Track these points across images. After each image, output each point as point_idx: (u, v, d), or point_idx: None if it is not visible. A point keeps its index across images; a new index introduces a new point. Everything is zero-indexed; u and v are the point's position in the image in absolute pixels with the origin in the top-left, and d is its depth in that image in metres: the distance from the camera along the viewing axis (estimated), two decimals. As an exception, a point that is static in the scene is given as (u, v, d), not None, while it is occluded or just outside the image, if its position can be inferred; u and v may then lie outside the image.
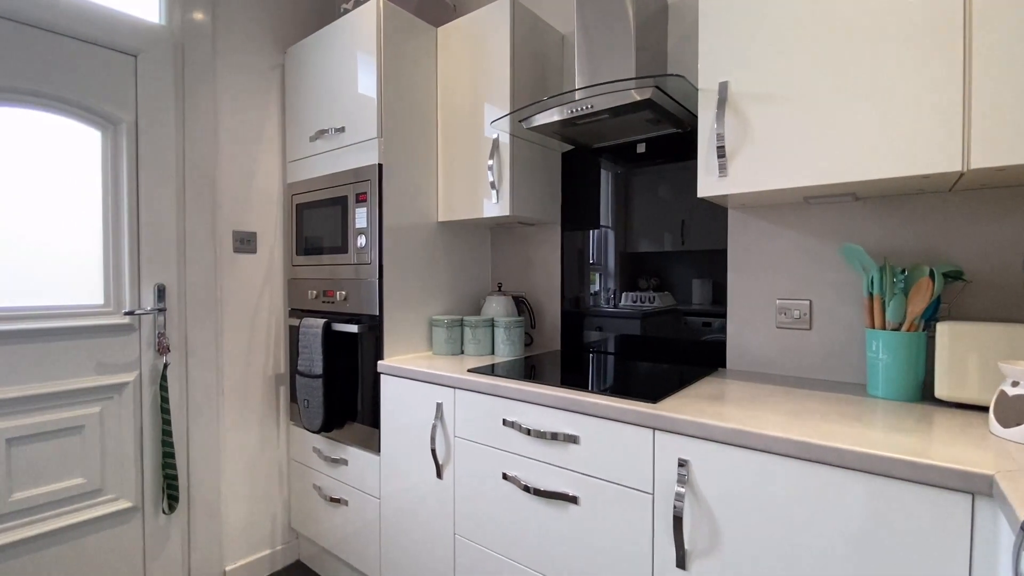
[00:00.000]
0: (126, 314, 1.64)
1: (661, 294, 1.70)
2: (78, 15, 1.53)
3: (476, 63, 1.71)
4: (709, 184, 1.23)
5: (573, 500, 1.17)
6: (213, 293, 1.83)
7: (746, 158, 1.17)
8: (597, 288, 1.87)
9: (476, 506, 1.38)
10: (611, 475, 1.12)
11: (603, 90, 1.36)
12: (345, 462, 1.79)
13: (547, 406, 1.22)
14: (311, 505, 1.95)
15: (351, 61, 1.73)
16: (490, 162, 1.64)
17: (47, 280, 1.52)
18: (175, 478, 1.71)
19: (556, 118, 1.46)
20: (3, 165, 1.44)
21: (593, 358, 1.69)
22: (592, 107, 1.39)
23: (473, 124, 1.73)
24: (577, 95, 1.43)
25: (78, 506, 1.56)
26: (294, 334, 1.99)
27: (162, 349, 1.69)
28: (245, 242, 1.93)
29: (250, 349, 1.95)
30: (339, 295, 1.79)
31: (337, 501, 1.81)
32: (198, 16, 1.78)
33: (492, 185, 1.65)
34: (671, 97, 1.34)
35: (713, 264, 1.56)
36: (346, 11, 1.87)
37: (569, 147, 1.85)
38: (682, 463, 1.00)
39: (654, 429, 1.05)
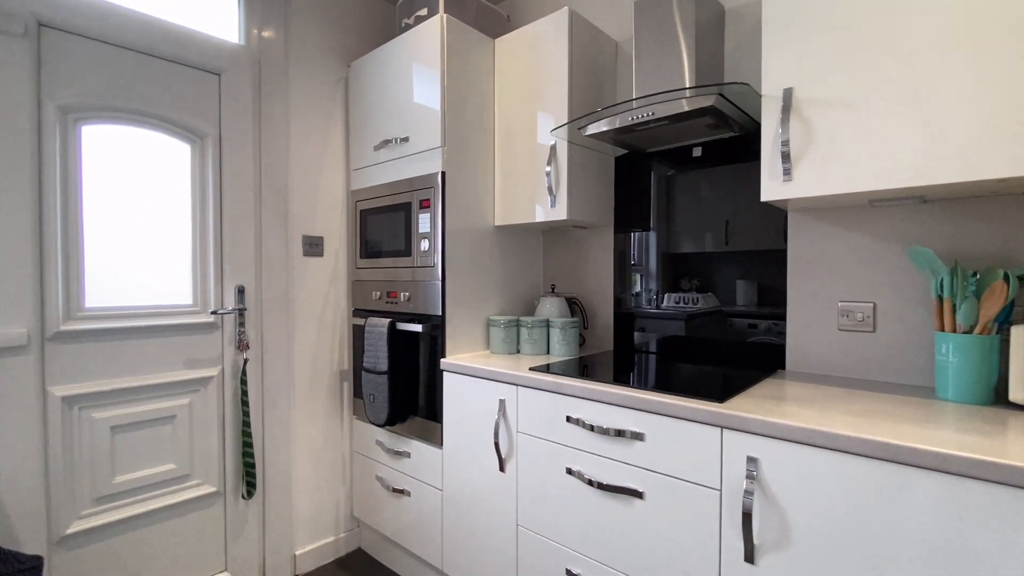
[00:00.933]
0: (211, 313, 1.78)
1: (704, 295, 1.72)
2: (173, 39, 1.67)
3: (533, 72, 1.77)
4: (773, 188, 1.25)
5: (638, 495, 1.22)
6: (286, 294, 1.96)
7: (811, 162, 1.19)
8: (638, 289, 1.91)
9: (539, 498, 1.44)
10: (677, 471, 1.16)
11: (665, 98, 1.40)
12: (408, 455, 1.88)
13: (611, 404, 1.27)
14: (373, 495, 2.05)
15: (415, 74, 1.82)
16: (548, 168, 1.70)
17: (146, 281, 1.66)
18: (253, 466, 1.84)
19: (616, 126, 1.51)
20: (113, 178, 1.59)
21: (646, 359, 1.73)
22: (652, 114, 1.43)
23: (529, 131, 1.79)
24: (636, 103, 1.47)
25: (169, 489, 1.70)
26: (358, 333, 2.09)
27: (242, 346, 1.82)
28: (313, 246, 2.05)
29: (317, 347, 2.08)
30: (402, 296, 1.89)
31: (400, 492, 1.91)
32: (272, 35, 1.91)
33: (549, 190, 1.71)
34: (732, 103, 1.37)
35: (759, 265, 1.57)
36: (407, 26, 1.97)
37: (623, 151, 1.89)
38: (751, 461, 1.04)
39: (722, 427, 1.08)
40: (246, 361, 1.84)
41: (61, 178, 1.49)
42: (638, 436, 1.22)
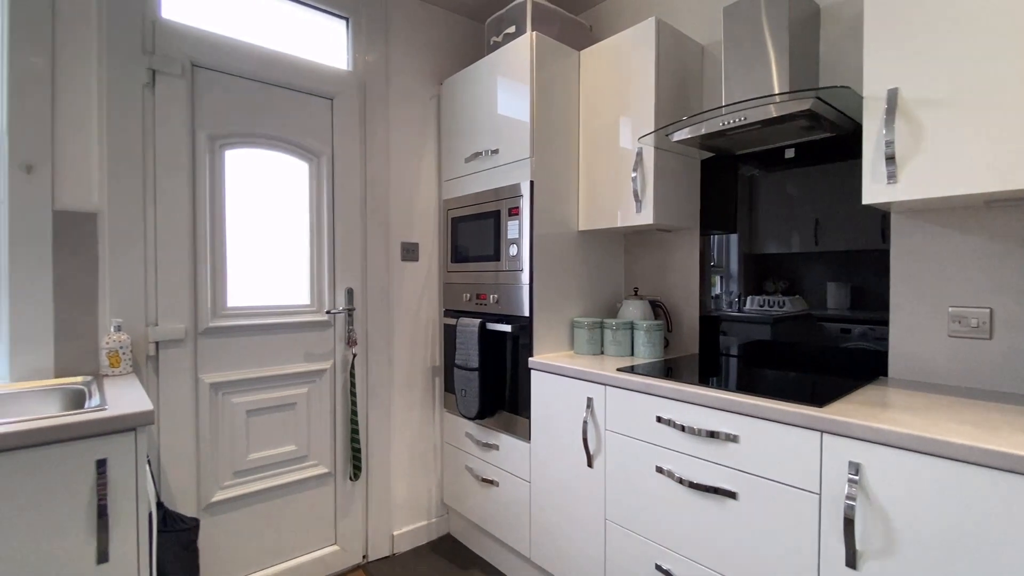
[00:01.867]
0: (326, 313, 1.99)
1: (791, 298, 1.69)
2: (296, 70, 1.89)
3: (618, 81, 1.82)
4: (876, 191, 1.23)
5: (732, 495, 1.24)
6: (386, 296, 2.14)
7: (920, 164, 1.16)
8: (718, 291, 1.90)
9: (627, 494, 1.50)
10: (773, 474, 1.17)
11: (759, 103, 1.41)
12: (496, 447, 2.00)
13: (703, 405, 1.30)
14: (462, 484, 2.19)
15: (505, 89, 1.93)
16: (633, 174, 1.75)
17: (272, 283, 1.90)
18: (359, 451, 2.03)
19: (705, 131, 1.53)
20: (247, 194, 1.83)
21: (733, 363, 1.72)
22: (745, 119, 1.44)
23: (614, 139, 1.84)
24: (726, 109, 1.48)
25: (291, 468, 1.92)
26: (449, 332, 2.24)
27: (351, 342, 2.02)
28: (410, 251, 2.22)
29: (413, 344, 2.25)
30: (491, 298, 2.00)
31: (489, 482, 2.03)
32: (375, 59, 2.10)
33: (635, 195, 1.76)
34: (830, 105, 1.35)
35: (852, 266, 1.52)
36: (496, 44, 2.09)
37: (709, 155, 1.89)
38: (853, 466, 1.04)
39: (822, 432, 1.09)
40: (354, 356, 2.04)
41: (210, 197, 1.74)
42: (732, 438, 1.24)
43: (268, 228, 1.89)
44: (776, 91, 1.47)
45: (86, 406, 1.19)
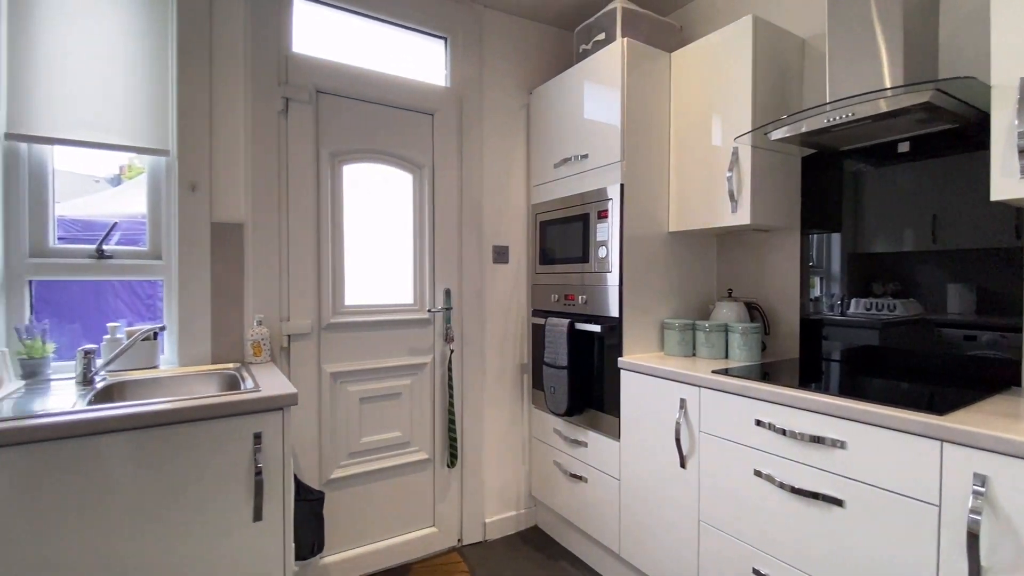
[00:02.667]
0: (427, 311, 2.16)
1: (904, 301, 1.58)
2: (402, 90, 2.08)
3: (712, 81, 1.81)
4: (1006, 186, 1.14)
5: (837, 502, 1.21)
6: (479, 296, 2.28)
7: (1062, 157, 1.07)
8: (818, 293, 1.81)
9: (723, 496, 1.49)
10: (885, 483, 1.13)
11: (868, 98, 1.36)
12: (585, 444, 2.05)
13: (807, 410, 1.28)
14: (550, 478, 2.27)
15: (595, 95, 1.99)
16: (728, 174, 1.73)
17: (380, 284, 2.09)
18: (455, 440, 2.17)
19: (806, 129, 1.49)
20: (359, 203, 2.04)
21: (837, 368, 1.65)
22: (852, 115, 1.39)
23: (706, 139, 1.83)
24: (831, 105, 1.44)
25: (396, 452, 2.11)
26: (537, 331, 2.33)
27: (449, 339, 2.18)
28: (501, 254, 2.34)
29: (503, 342, 2.36)
30: (580, 299, 2.07)
31: (577, 477, 2.09)
32: (470, 74, 2.24)
33: (731, 195, 1.74)
34: (951, 96, 1.27)
35: (978, 266, 1.40)
36: (585, 51, 2.15)
37: (810, 151, 1.83)
38: (979, 478, 0.98)
39: (942, 441, 1.04)
40: (452, 352, 2.19)
41: (331, 208, 1.96)
42: (839, 444, 1.21)
43: (377, 234, 2.09)
44: (887, 84, 1.40)
45: (241, 388, 1.41)
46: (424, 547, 2.16)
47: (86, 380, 1.45)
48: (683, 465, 1.63)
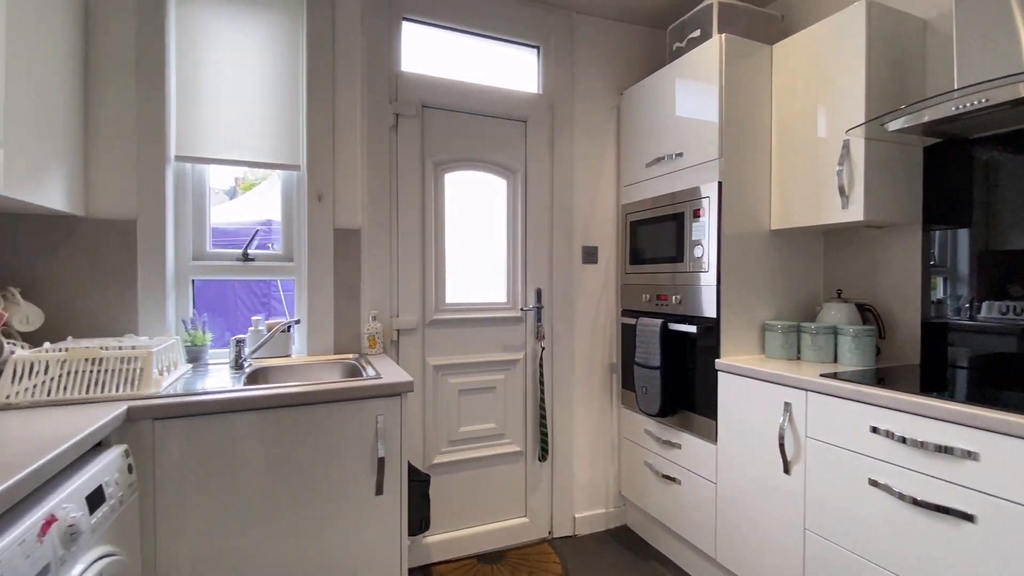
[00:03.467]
0: (520, 310, 2.25)
1: None
2: (498, 100, 2.19)
3: (820, 72, 1.73)
4: None
5: (967, 518, 1.13)
6: (569, 296, 2.33)
7: None
8: (942, 295, 1.66)
9: (832, 505, 1.43)
10: (1028, 499, 1.04)
11: (1004, 82, 1.24)
12: (678, 446, 2.04)
13: (932, 418, 1.20)
14: (641, 478, 2.27)
15: (690, 93, 1.97)
16: (839, 168, 1.65)
17: (476, 283, 2.22)
18: (546, 435, 2.25)
19: (928, 119, 1.39)
20: (457, 208, 2.17)
21: (965, 375, 1.51)
22: (986, 101, 1.28)
23: (812, 132, 1.76)
24: (959, 91, 1.33)
25: (491, 443, 2.22)
26: (627, 331, 2.35)
27: (540, 337, 2.26)
28: (590, 255, 2.38)
29: (591, 341, 2.40)
30: (674, 299, 2.05)
31: (670, 479, 2.08)
32: (562, 80, 2.31)
33: (841, 191, 1.65)
34: (1115, 73, 1.14)
35: None
36: (680, 49, 2.13)
37: (933, 140, 1.69)
38: None
39: (1101, 456, 0.94)
40: (543, 349, 2.27)
41: (434, 213, 2.12)
42: (970, 455, 1.13)
43: (474, 236, 2.21)
44: (1032, 64, 1.27)
45: (363, 376, 1.57)
46: (516, 536, 2.26)
47: (237, 365, 1.69)
48: (787, 471, 1.57)
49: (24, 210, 1.46)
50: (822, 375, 1.51)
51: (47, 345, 1.35)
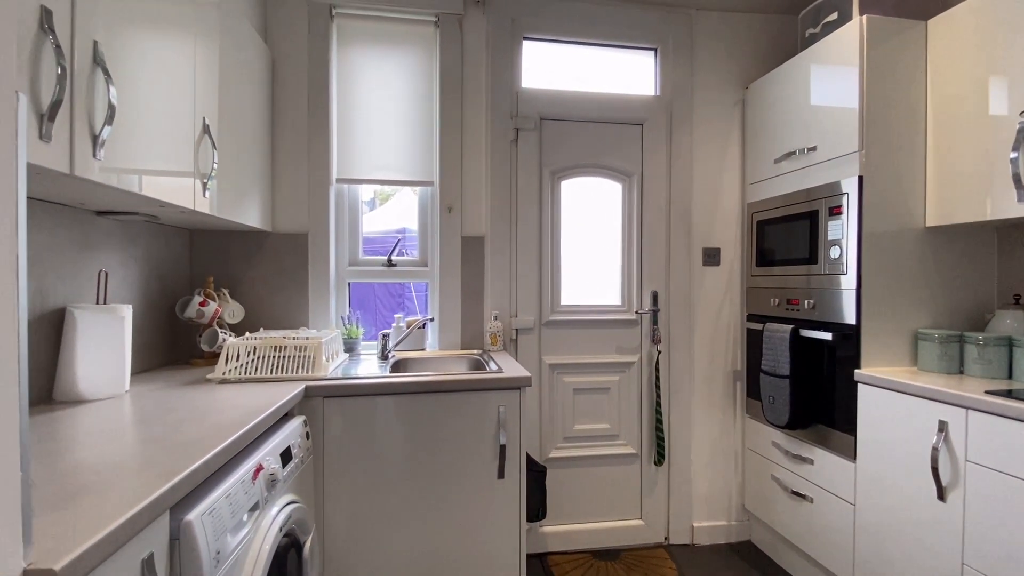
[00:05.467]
0: (635, 312, 2.27)
1: None
2: (613, 106, 2.23)
3: (991, 41, 1.51)
4: None
5: None
6: (687, 298, 2.29)
7: None
8: None
9: (999, 539, 1.25)
10: None
11: None
12: (811, 461, 1.90)
13: None
14: (768, 493, 2.15)
15: (827, 82, 1.83)
16: (1013, 155, 1.43)
17: (591, 286, 2.28)
18: (663, 439, 2.23)
19: None
20: (573, 212, 2.26)
21: None
22: None
23: (980, 114, 1.53)
24: None
25: (604, 443, 2.26)
26: (752, 336, 2.23)
27: (656, 340, 2.25)
28: (711, 256, 2.31)
29: (712, 346, 2.33)
30: (806, 303, 1.92)
31: (800, 496, 1.94)
32: (681, 80, 2.27)
33: (1016, 180, 1.43)
34: None
35: None
36: (813, 35, 1.98)
37: None
38: None
39: None
40: (659, 353, 2.25)
41: (551, 219, 2.23)
42: None
43: (589, 240, 2.28)
44: None
45: (486, 369, 1.73)
46: (631, 537, 2.27)
47: (383, 355, 1.96)
48: (941, 498, 1.40)
49: (230, 227, 1.86)
50: (987, 392, 1.32)
51: (247, 335, 1.71)
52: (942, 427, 1.40)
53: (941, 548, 1.40)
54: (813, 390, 1.89)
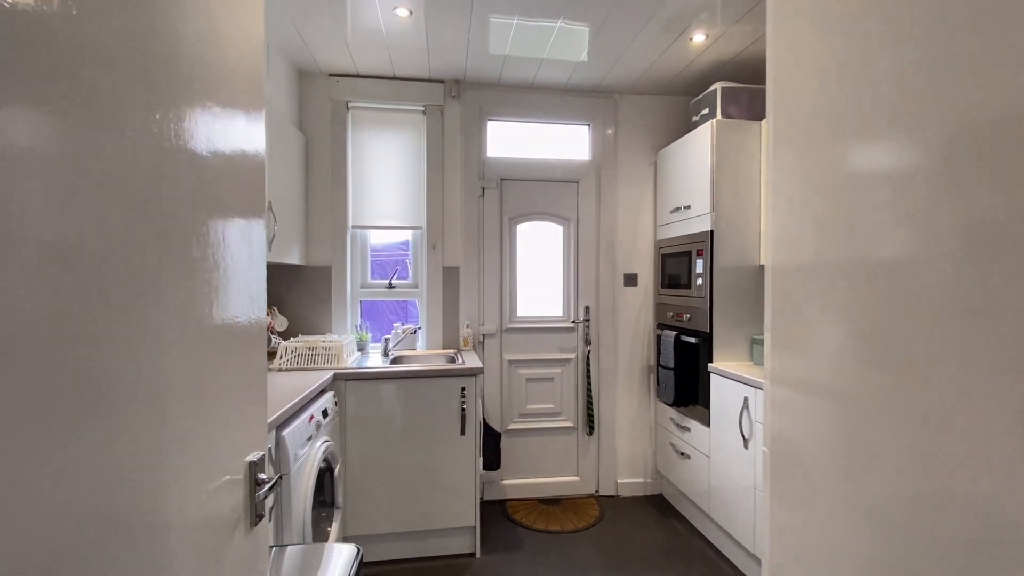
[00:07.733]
0: (572, 322, 3.04)
1: None
2: (557, 168, 3.01)
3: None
4: None
5: None
6: (613, 312, 3.06)
7: None
8: None
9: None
10: None
11: None
12: (688, 429, 2.66)
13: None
14: (669, 456, 2.91)
15: (694, 161, 2.60)
16: (795, 223, 2.19)
17: (539, 302, 3.06)
18: (593, 416, 3.00)
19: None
20: (525, 248, 3.04)
21: None
22: None
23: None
24: None
25: (549, 418, 3.04)
26: (658, 340, 3.00)
27: (588, 342, 3.02)
28: (631, 279, 3.08)
29: (632, 347, 3.09)
30: (685, 316, 2.69)
31: (684, 455, 2.71)
32: (608, 146, 3.05)
33: (797, 240, 2.19)
34: None
35: None
36: (695, 122, 2.75)
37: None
38: None
39: None
40: (589, 352, 3.03)
41: (509, 252, 3.01)
42: None
43: (538, 267, 3.06)
44: None
45: (457, 363, 2.51)
46: (570, 489, 3.05)
47: (385, 353, 2.75)
48: (745, 447, 2.17)
49: (279, 262, 2.65)
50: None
51: (291, 339, 2.50)
52: (745, 402, 2.17)
53: (744, 480, 2.17)
54: (689, 379, 2.66)
